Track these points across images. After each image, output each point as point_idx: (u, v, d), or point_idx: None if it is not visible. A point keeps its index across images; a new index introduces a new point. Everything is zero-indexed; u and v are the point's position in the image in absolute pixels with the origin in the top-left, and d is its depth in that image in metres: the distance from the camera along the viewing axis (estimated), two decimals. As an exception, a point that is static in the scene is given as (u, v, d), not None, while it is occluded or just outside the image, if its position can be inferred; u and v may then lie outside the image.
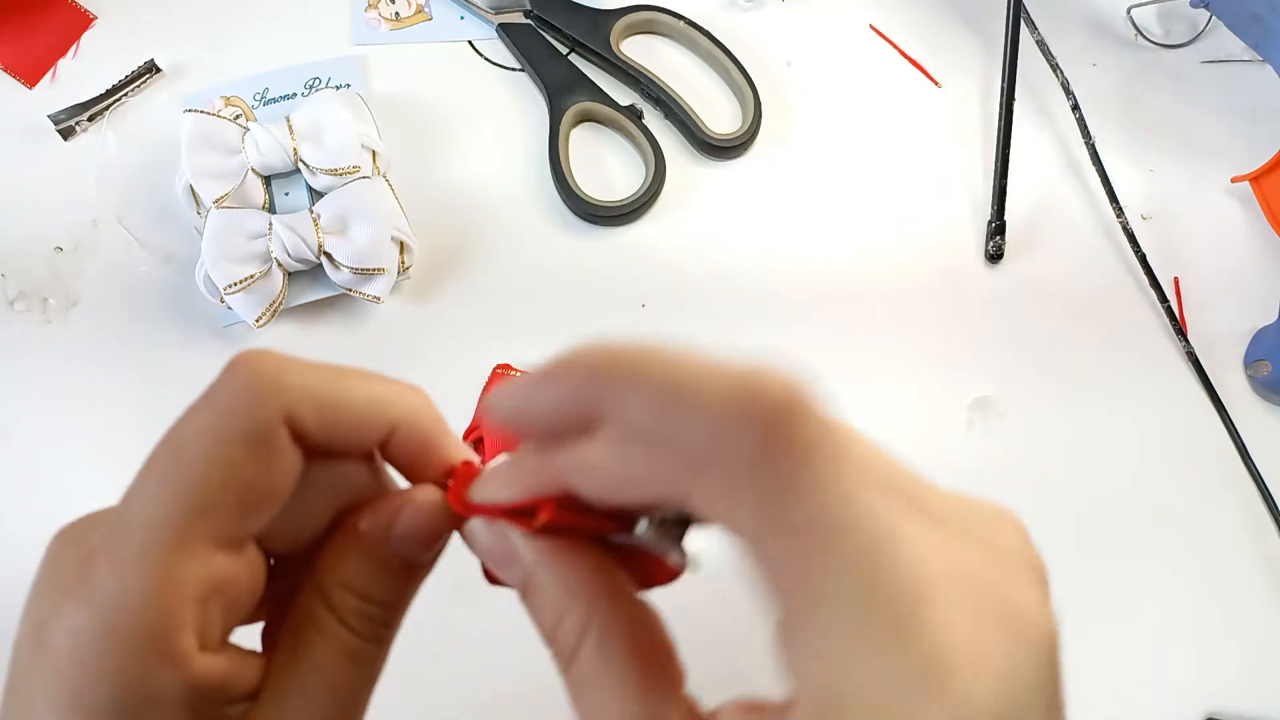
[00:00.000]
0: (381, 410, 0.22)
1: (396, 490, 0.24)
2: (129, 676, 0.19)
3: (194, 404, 0.21)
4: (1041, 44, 0.55)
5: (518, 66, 0.57)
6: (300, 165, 0.51)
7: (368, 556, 0.23)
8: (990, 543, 0.19)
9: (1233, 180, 0.54)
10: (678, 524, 0.21)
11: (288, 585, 0.23)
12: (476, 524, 0.22)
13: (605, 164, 0.55)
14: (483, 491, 0.22)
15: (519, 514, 0.21)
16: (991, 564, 0.18)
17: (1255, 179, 0.53)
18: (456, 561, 0.25)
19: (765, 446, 0.17)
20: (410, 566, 0.23)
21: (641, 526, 0.21)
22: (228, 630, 0.22)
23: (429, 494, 0.23)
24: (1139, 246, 0.53)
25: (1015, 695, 0.17)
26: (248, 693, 0.22)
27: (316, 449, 0.22)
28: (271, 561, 0.23)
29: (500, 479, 0.22)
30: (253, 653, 0.22)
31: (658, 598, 0.22)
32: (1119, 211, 0.53)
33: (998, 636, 0.17)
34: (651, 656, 0.20)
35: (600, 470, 0.19)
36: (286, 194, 0.52)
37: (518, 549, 0.21)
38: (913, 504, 0.18)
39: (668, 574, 0.22)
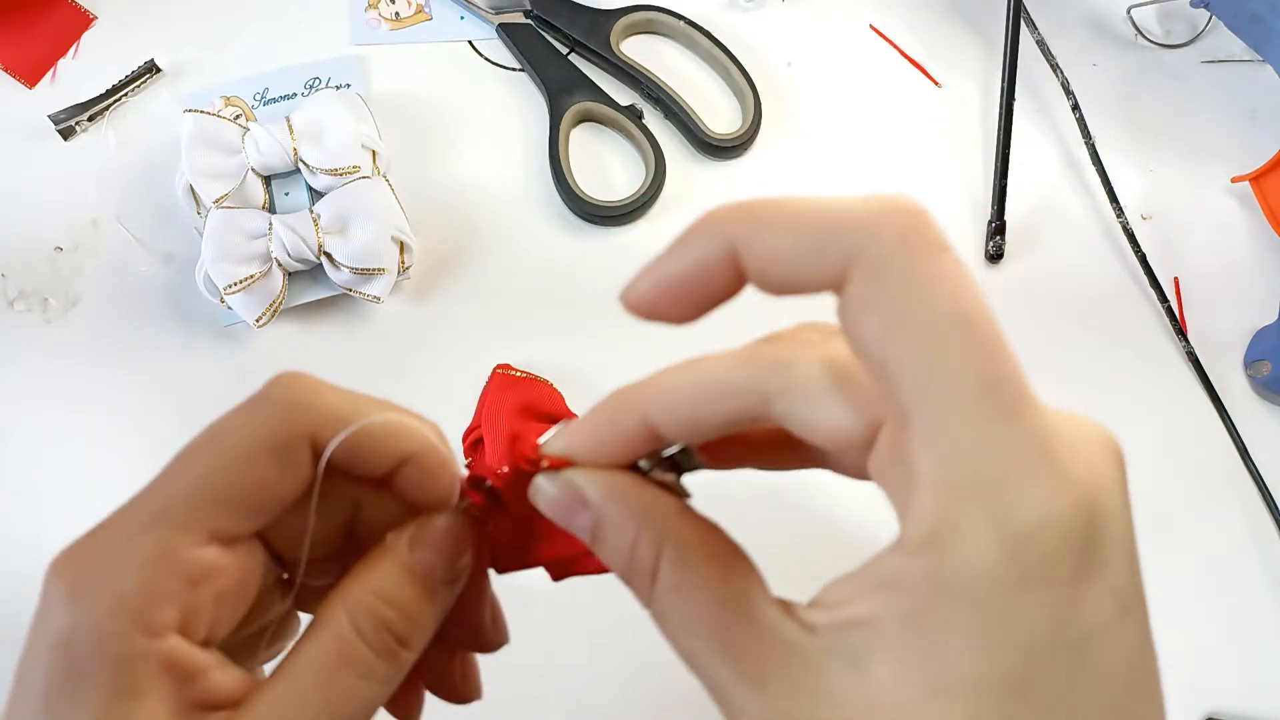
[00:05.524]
0: (397, 441, 0.23)
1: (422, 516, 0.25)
2: (110, 636, 0.20)
3: (233, 409, 0.23)
4: (1041, 44, 0.55)
5: (518, 66, 0.57)
6: (300, 165, 0.51)
7: (390, 561, 0.23)
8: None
9: (1233, 180, 0.54)
10: (675, 464, 0.23)
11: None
12: (541, 479, 0.23)
13: (605, 164, 0.55)
14: (562, 439, 0.23)
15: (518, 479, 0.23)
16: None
17: (1255, 179, 0.53)
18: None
19: (906, 235, 0.18)
20: (429, 583, 0.24)
21: (644, 464, 0.23)
22: (217, 624, 0.22)
23: (445, 514, 0.24)
24: (1139, 246, 0.53)
25: (1103, 480, 0.18)
26: (228, 698, 0.22)
27: (334, 467, 0.23)
28: (286, 577, 0.25)
29: (581, 426, 0.23)
30: (239, 669, 0.23)
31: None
32: (1119, 211, 0.53)
33: (1088, 439, 0.19)
34: (727, 560, 0.21)
35: (682, 392, 0.21)
36: (286, 194, 0.52)
37: (584, 491, 0.22)
38: None
39: None
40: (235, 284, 0.47)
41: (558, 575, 0.27)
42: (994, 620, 0.17)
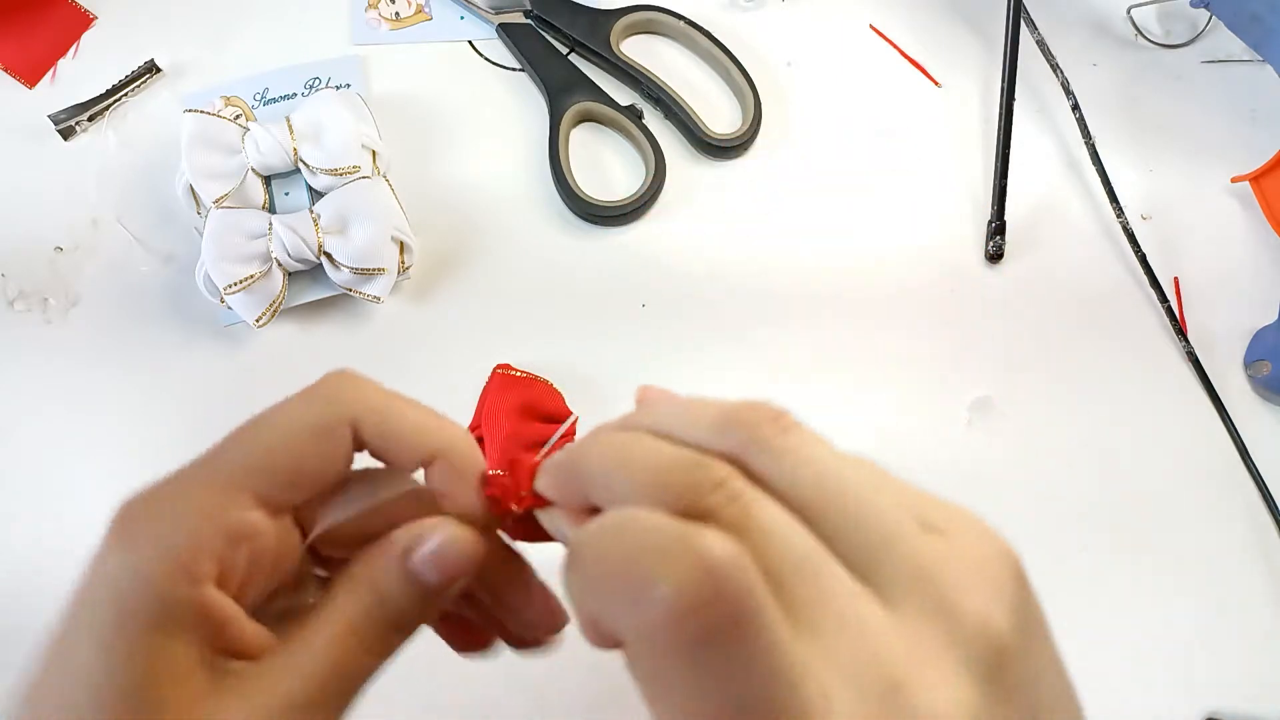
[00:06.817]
0: (426, 436, 0.26)
1: (436, 516, 0.27)
2: (156, 579, 0.23)
3: (285, 398, 0.26)
4: (1041, 44, 0.55)
5: (518, 66, 0.57)
6: (300, 165, 0.51)
7: (389, 561, 0.25)
8: (953, 536, 0.21)
9: (1233, 180, 0.54)
10: None
11: None
12: (544, 515, 0.26)
13: (605, 164, 0.55)
14: (541, 483, 0.26)
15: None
16: (952, 559, 0.20)
17: (1255, 179, 0.53)
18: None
19: (769, 420, 0.21)
20: (424, 587, 0.25)
21: None
22: (246, 586, 0.25)
23: (455, 530, 0.26)
24: (1139, 246, 0.53)
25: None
26: (249, 649, 0.24)
27: (373, 454, 0.26)
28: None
29: (553, 475, 0.26)
30: (266, 630, 0.25)
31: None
32: (1119, 211, 0.53)
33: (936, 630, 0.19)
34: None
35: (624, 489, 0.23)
36: (286, 194, 0.52)
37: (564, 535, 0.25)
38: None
39: None
40: (235, 284, 0.47)
41: None
42: None
